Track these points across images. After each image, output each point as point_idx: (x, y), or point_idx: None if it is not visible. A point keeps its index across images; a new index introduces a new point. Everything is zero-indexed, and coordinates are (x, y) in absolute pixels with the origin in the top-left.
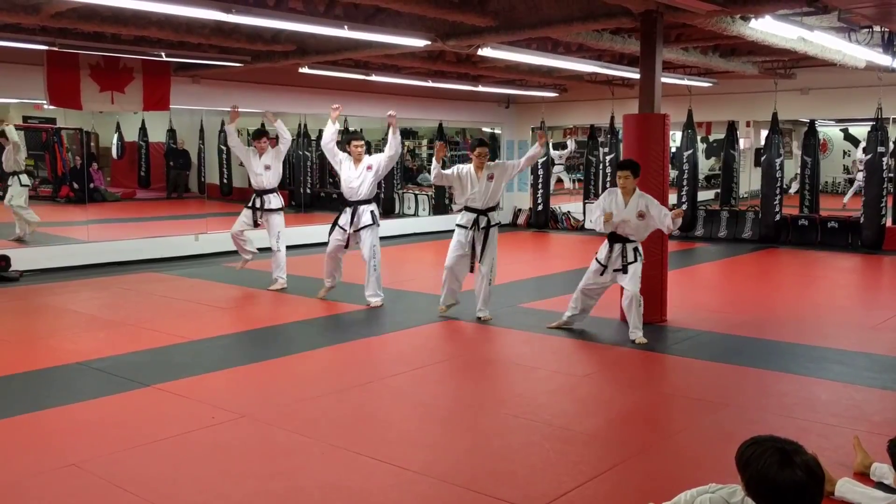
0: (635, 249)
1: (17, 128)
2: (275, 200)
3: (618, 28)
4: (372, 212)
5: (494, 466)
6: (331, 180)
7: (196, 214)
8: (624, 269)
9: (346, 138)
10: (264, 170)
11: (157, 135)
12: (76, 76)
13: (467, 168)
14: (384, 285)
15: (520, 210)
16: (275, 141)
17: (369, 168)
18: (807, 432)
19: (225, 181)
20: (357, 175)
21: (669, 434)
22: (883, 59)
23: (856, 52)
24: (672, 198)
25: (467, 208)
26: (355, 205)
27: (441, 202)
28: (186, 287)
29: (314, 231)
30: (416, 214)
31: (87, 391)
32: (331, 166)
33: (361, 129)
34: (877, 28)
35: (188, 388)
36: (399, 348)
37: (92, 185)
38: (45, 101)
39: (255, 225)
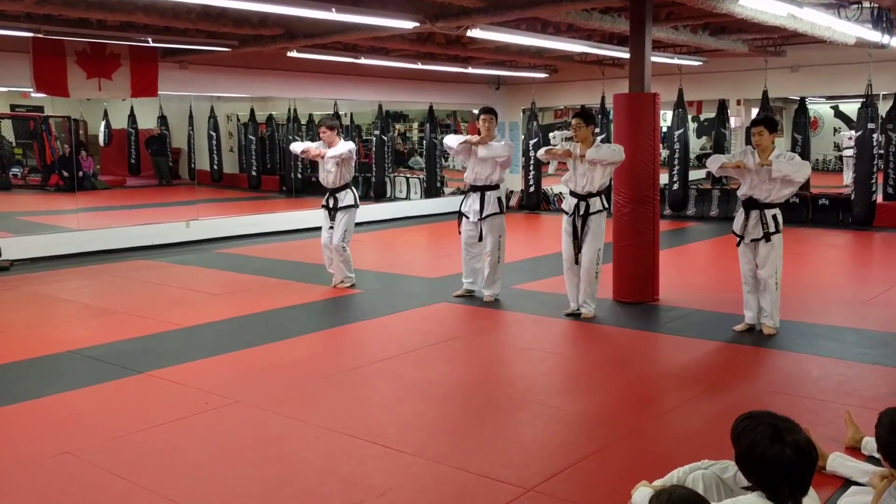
0: (774, 217)
1: (5, 117)
2: (347, 197)
3: (607, 7)
4: (499, 198)
5: (489, 447)
6: None
7: (187, 201)
8: (766, 238)
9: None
10: (334, 166)
11: (147, 122)
12: (62, 63)
13: (577, 146)
14: (376, 269)
15: (511, 192)
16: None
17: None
18: (798, 408)
19: (215, 167)
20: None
21: (662, 412)
22: (872, 36)
23: (845, 28)
24: (663, 177)
25: (571, 192)
26: (482, 190)
27: (433, 185)
28: (178, 274)
29: (305, 216)
30: (407, 198)
31: (79, 379)
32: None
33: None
34: (866, 4)
35: (181, 374)
36: (392, 331)
37: (81, 174)
38: (31, 89)
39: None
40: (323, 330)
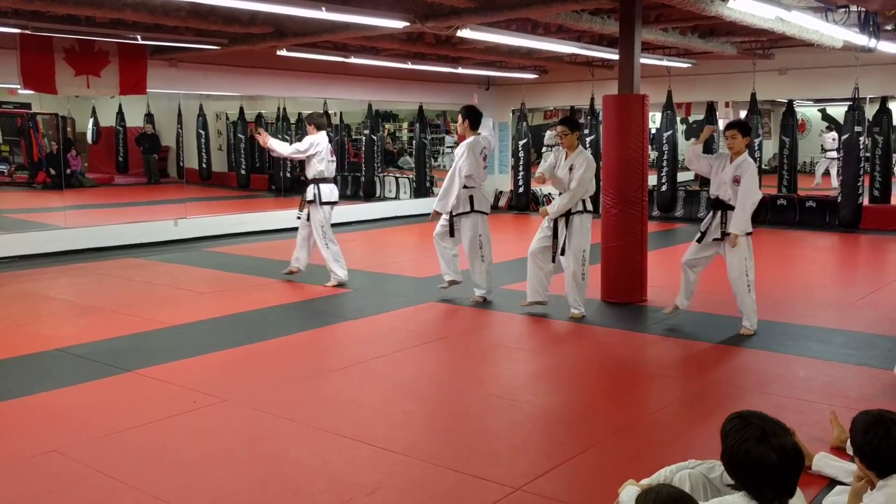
0: None
1: None
2: (309, 193)
3: (597, 8)
4: (470, 196)
5: (477, 446)
6: None
7: (175, 199)
8: (723, 237)
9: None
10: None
11: (135, 119)
12: (50, 60)
13: (562, 151)
14: (365, 268)
15: (501, 192)
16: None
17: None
18: (785, 409)
19: (204, 165)
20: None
21: (649, 412)
22: (859, 39)
23: (833, 31)
24: (652, 178)
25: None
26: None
27: (422, 185)
28: (166, 272)
29: (294, 215)
30: (396, 197)
31: (67, 377)
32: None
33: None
34: (853, 8)
35: (169, 373)
36: (381, 331)
37: (69, 171)
38: (19, 86)
39: (308, 218)
40: (312, 329)
